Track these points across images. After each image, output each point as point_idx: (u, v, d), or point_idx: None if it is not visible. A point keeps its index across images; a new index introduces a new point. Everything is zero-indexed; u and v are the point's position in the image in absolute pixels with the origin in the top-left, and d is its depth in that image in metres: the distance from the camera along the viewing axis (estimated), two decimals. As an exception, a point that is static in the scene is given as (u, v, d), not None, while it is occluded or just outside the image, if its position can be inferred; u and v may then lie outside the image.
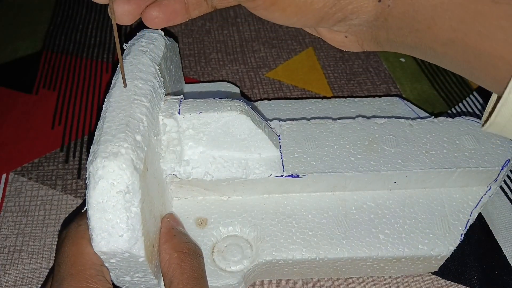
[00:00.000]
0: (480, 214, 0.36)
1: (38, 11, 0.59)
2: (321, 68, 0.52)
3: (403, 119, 0.37)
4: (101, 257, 0.27)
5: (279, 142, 0.35)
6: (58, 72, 0.51)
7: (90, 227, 0.26)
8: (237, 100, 0.33)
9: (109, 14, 0.28)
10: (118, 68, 0.30)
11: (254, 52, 0.54)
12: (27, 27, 0.57)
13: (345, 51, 0.53)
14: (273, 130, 0.36)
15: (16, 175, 0.41)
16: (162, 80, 0.33)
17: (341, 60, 0.53)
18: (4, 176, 0.41)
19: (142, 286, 0.30)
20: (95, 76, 0.51)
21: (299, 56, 0.53)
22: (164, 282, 0.29)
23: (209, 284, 0.31)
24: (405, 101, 0.44)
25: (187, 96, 0.35)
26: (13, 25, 0.57)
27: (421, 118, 0.40)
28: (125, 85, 0.30)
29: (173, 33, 0.56)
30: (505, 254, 0.35)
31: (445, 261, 0.34)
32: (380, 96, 0.48)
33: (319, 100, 0.44)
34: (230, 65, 0.52)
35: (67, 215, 0.38)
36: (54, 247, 0.36)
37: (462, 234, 0.33)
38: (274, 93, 0.49)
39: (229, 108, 0.32)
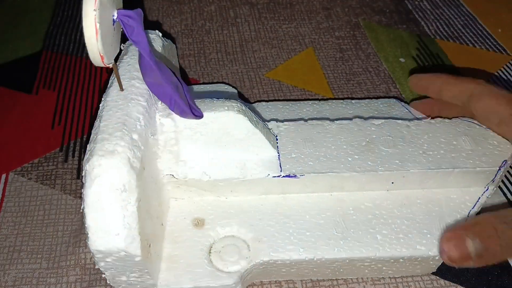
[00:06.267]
0: (479, 213, 0.36)
1: (38, 11, 0.60)
2: (321, 68, 0.52)
3: (400, 120, 0.37)
4: (97, 256, 0.27)
5: (277, 143, 0.35)
6: (58, 72, 0.52)
7: (86, 225, 0.26)
8: (234, 100, 0.33)
9: None
10: None
11: (254, 52, 0.54)
12: (27, 27, 0.57)
13: (345, 51, 0.53)
14: (271, 130, 0.36)
15: (16, 175, 0.42)
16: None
17: (341, 60, 0.53)
18: (4, 176, 0.42)
19: (138, 286, 0.30)
20: (95, 76, 0.51)
21: (299, 56, 0.53)
22: None
23: (206, 285, 0.31)
24: (403, 103, 0.44)
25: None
26: (13, 25, 0.57)
27: (418, 119, 0.40)
28: (121, 89, 0.30)
29: (173, 33, 0.56)
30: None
31: (444, 261, 0.34)
32: (379, 97, 0.48)
33: (317, 101, 0.44)
34: (230, 65, 0.52)
35: (66, 215, 0.38)
36: (54, 247, 0.36)
37: (459, 234, 0.33)
38: (274, 93, 0.49)
39: (226, 108, 0.32)
